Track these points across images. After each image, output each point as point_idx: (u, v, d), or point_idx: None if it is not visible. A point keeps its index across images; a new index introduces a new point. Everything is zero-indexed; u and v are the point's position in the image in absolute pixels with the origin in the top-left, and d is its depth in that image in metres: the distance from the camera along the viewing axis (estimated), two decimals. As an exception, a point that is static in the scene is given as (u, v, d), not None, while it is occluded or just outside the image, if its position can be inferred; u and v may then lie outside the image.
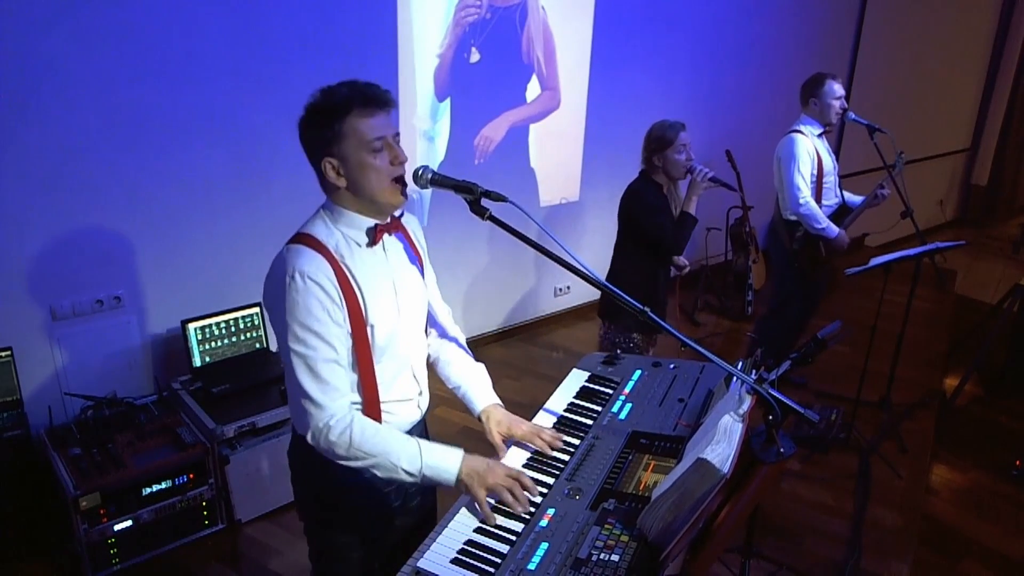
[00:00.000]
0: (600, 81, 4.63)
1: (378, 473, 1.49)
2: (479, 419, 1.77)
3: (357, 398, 1.56)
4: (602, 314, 2.96)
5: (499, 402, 1.79)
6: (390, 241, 1.61)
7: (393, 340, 1.59)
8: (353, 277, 1.51)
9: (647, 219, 2.76)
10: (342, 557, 1.70)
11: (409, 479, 1.48)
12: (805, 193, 3.51)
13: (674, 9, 4.86)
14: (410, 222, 1.73)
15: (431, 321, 1.81)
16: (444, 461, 1.48)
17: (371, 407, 1.57)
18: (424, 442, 1.51)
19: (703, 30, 5.08)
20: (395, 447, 1.47)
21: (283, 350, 1.50)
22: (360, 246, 1.55)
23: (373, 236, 1.55)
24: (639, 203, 2.79)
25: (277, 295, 1.46)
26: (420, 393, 1.72)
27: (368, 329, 1.53)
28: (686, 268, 3.01)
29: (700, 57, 5.14)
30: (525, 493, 1.46)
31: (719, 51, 5.25)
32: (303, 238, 1.51)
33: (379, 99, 1.47)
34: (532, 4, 4.13)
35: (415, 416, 1.71)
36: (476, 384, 1.82)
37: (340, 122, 1.45)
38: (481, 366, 1.87)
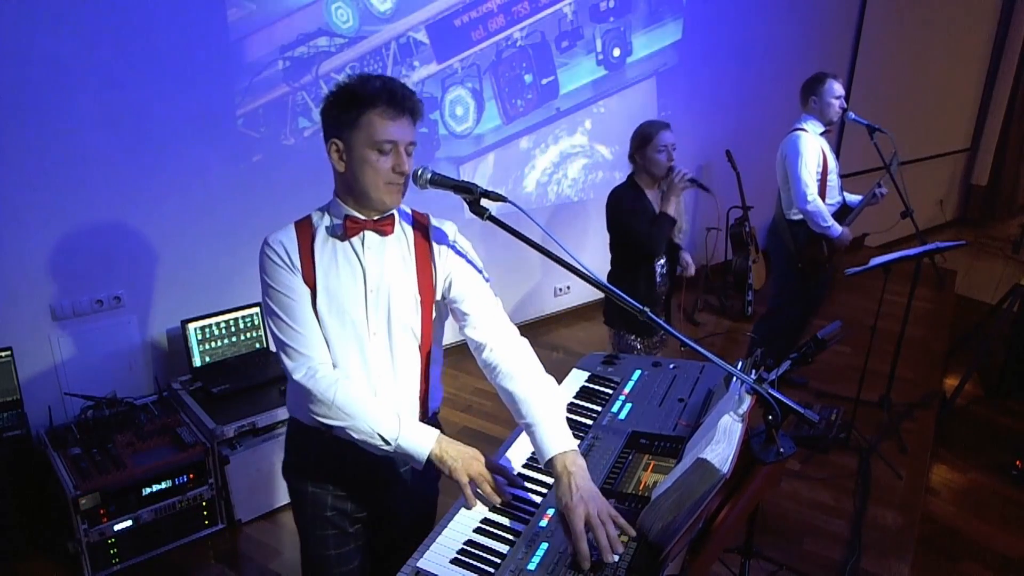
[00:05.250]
0: (600, 81, 4.62)
1: (354, 436, 1.50)
2: (545, 466, 1.45)
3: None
4: (607, 320, 2.98)
5: (575, 447, 1.44)
6: (375, 240, 1.57)
7: (348, 341, 1.56)
8: (314, 262, 1.55)
9: (624, 222, 2.81)
10: (318, 517, 1.71)
11: (383, 446, 1.50)
12: (812, 190, 3.50)
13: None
14: (445, 229, 1.65)
15: (480, 322, 1.62)
16: (420, 437, 1.50)
17: None
18: (405, 416, 1.53)
19: (703, 30, 5.07)
20: (375, 413, 1.50)
21: (265, 314, 1.59)
22: (335, 237, 1.57)
23: (344, 230, 1.55)
24: (617, 207, 2.84)
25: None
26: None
27: (317, 317, 1.55)
28: (689, 268, 3.02)
29: (700, 57, 5.14)
30: (500, 488, 1.47)
31: (719, 51, 5.25)
32: (301, 218, 1.61)
33: (405, 104, 1.48)
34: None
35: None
36: (548, 422, 1.47)
37: (360, 113, 1.47)
38: (551, 386, 1.57)
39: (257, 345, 3.33)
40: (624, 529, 1.33)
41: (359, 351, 1.58)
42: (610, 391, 1.93)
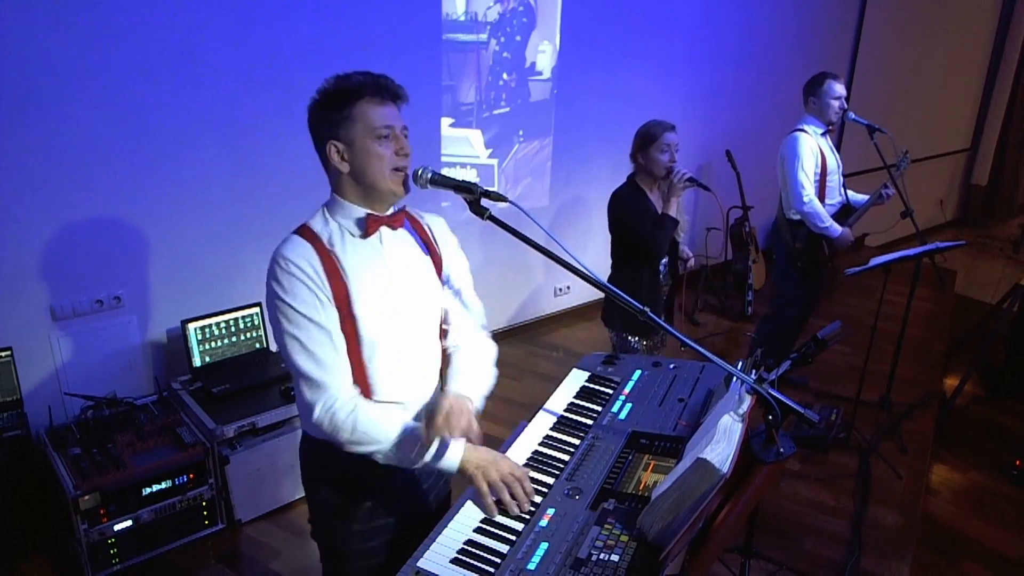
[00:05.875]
0: (599, 81, 4.63)
1: (379, 459, 1.50)
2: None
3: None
4: (606, 322, 2.97)
5: (469, 397, 1.60)
6: (390, 235, 1.60)
7: (388, 336, 1.57)
8: (341, 266, 1.52)
9: (626, 222, 2.80)
10: (346, 531, 1.68)
11: (412, 466, 1.50)
12: (809, 191, 3.51)
13: (673, 9, 4.86)
14: (434, 223, 1.72)
15: (454, 317, 1.74)
16: (447, 450, 1.49)
17: None
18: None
19: (702, 30, 5.08)
20: (399, 434, 1.49)
21: (279, 338, 1.51)
22: (354, 237, 1.55)
23: (365, 228, 1.54)
24: (619, 207, 2.83)
25: (268, 283, 1.50)
26: (427, 397, 1.69)
27: (357, 322, 1.52)
28: (690, 259, 3.03)
29: (699, 57, 5.14)
30: (523, 494, 1.47)
31: (719, 51, 5.25)
32: (298, 229, 1.55)
33: (391, 90, 1.50)
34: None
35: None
36: (462, 372, 1.67)
37: (350, 106, 1.47)
38: (486, 366, 1.74)
39: (257, 345, 3.33)
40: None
41: (399, 347, 1.59)
42: (610, 391, 1.93)
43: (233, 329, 3.26)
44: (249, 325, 3.30)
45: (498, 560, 1.33)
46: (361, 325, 1.52)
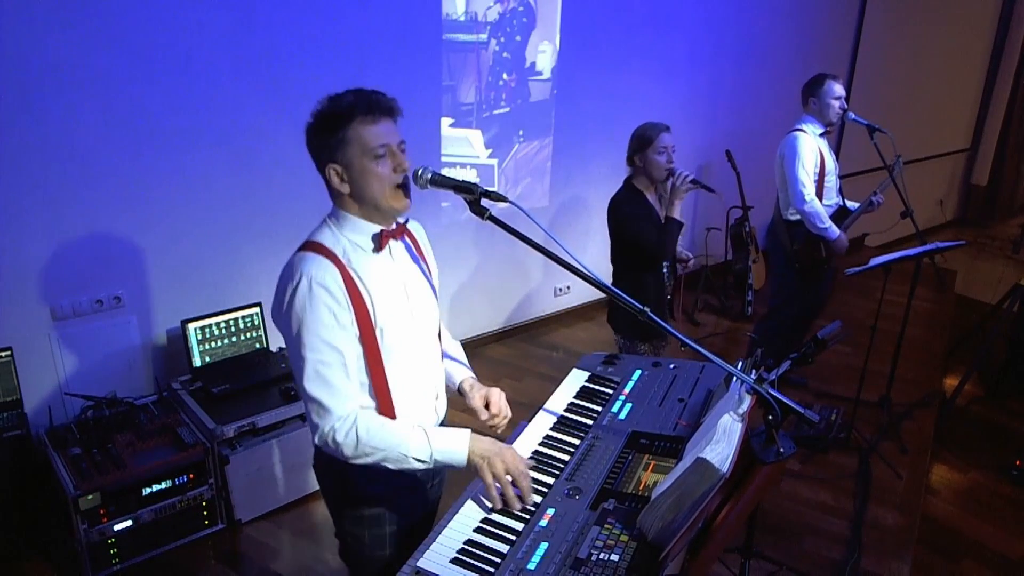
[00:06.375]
0: (599, 81, 4.63)
1: (389, 466, 1.50)
2: (459, 391, 1.84)
3: (370, 402, 1.56)
4: (615, 328, 2.96)
5: (474, 375, 1.87)
6: (396, 245, 1.63)
7: (405, 342, 1.59)
8: (362, 281, 1.52)
9: (628, 228, 2.77)
10: (372, 536, 1.69)
11: (421, 466, 1.50)
12: (810, 190, 3.50)
13: (673, 9, 4.86)
14: (416, 230, 1.76)
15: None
16: (453, 444, 1.50)
17: (385, 410, 1.58)
18: (430, 428, 1.53)
19: (702, 30, 5.08)
20: (402, 438, 1.49)
21: (292, 356, 1.51)
22: (366, 251, 1.56)
23: (379, 242, 1.56)
24: (619, 213, 2.80)
25: (286, 302, 1.48)
26: (436, 397, 1.73)
27: (377, 332, 1.53)
28: (690, 260, 3.01)
29: (699, 57, 5.14)
30: (526, 489, 1.48)
31: (719, 52, 5.25)
32: (311, 245, 1.53)
33: (383, 106, 1.49)
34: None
35: (432, 420, 1.72)
36: (453, 360, 1.89)
37: (344, 129, 1.47)
38: (457, 344, 1.94)
39: (257, 345, 3.33)
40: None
41: (413, 351, 1.62)
42: (610, 391, 1.93)
43: (233, 329, 3.26)
44: (249, 325, 3.30)
45: (498, 560, 1.34)
46: (386, 334, 1.54)
